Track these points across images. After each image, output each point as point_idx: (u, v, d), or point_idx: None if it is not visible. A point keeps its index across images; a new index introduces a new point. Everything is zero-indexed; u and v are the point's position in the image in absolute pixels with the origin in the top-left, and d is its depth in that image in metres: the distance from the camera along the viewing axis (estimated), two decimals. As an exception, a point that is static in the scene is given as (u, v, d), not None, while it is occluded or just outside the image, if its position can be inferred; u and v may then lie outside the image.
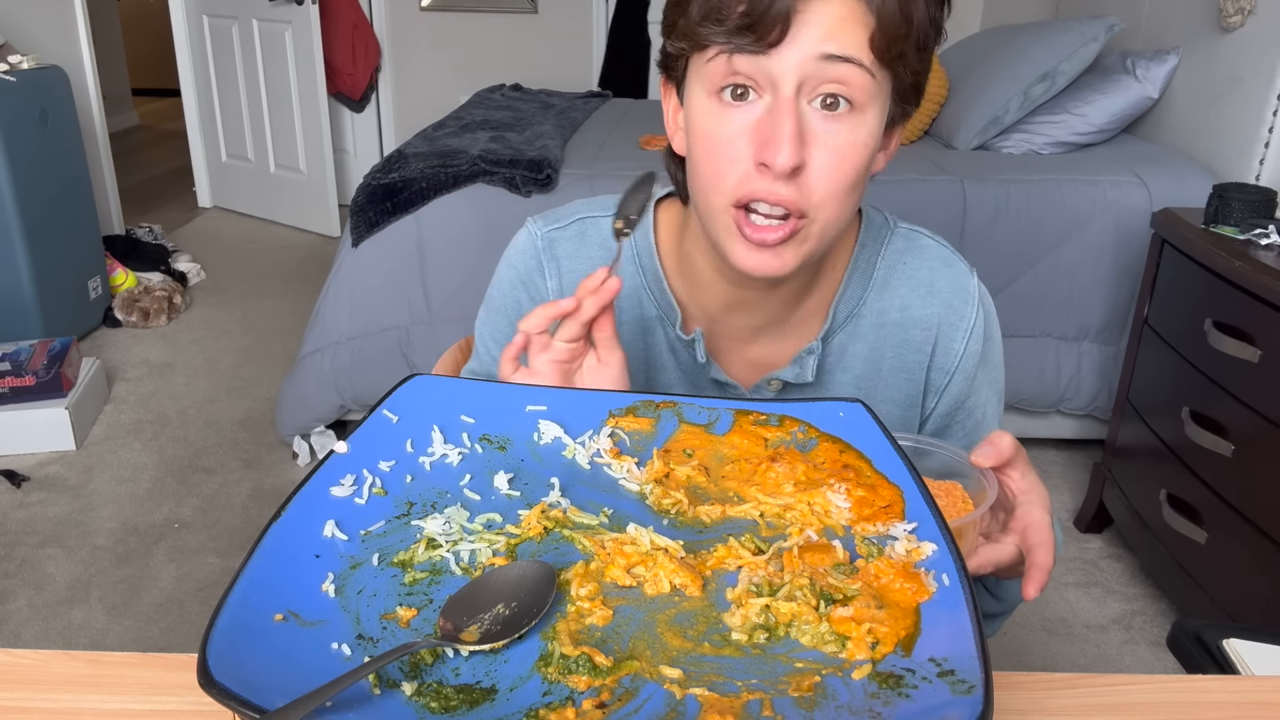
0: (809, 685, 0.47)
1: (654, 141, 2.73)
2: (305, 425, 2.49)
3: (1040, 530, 0.69)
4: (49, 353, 2.64)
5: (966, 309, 0.89)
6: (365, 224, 2.35)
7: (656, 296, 0.88)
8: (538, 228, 0.91)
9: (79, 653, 0.60)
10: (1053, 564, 0.68)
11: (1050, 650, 1.95)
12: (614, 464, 0.65)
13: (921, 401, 0.92)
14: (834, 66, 0.68)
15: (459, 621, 0.50)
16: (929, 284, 0.89)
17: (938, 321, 0.89)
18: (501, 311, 0.92)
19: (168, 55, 4.77)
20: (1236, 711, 0.59)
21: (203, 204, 4.91)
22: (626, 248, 0.88)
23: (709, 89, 0.72)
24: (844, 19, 0.68)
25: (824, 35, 0.68)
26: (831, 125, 0.70)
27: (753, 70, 0.69)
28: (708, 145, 0.73)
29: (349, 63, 4.63)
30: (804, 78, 0.69)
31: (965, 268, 0.91)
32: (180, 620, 1.97)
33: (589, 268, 0.88)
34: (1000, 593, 0.87)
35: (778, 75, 0.69)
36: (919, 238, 0.91)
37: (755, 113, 0.71)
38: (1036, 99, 2.62)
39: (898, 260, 0.89)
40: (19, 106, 2.89)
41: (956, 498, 0.70)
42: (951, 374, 0.90)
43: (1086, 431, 2.57)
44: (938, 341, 0.89)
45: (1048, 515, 0.71)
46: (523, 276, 0.90)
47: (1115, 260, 2.37)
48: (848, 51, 0.68)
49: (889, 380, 0.90)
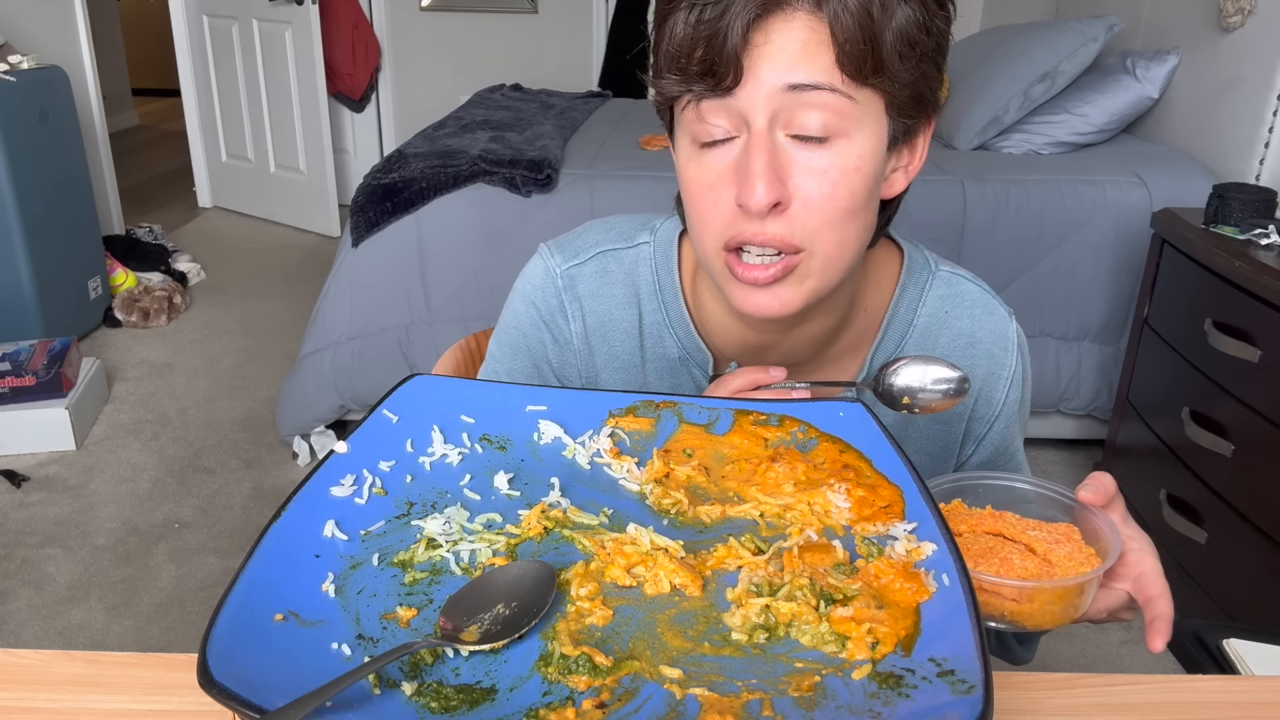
0: (809, 685, 0.47)
1: (654, 141, 2.73)
2: (305, 425, 2.49)
3: (1156, 580, 0.66)
4: (49, 353, 2.64)
5: (1007, 357, 0.87)
6: (365, 224, 2.35)
7: (681, 338, 0.85)
8: (556, 264, 0.87)
9: (79, 653, 0.60)
10: (1173, 614, 0.65)
11: (1050, 650, 1.95)
12: (614, 464, 0.65)
13: (959, 450, 0.90)
14: (804, 94, 0.66)
15: (459, 621, 0.50)
16: (970, 335, 0.87)
17: (981, 374, 0.87)
18: (523, 352, 0.88)
19: (168, 55, 4.77)
20: (1236, 711, 0.59)
21: (203, 204, 4.91)
22: (647, 279, 0.86)
23: (689, 136, 0.71)
24: (805, 44, 0.65)
25: (787, 65, 0.65)
26: (813, 153, 0.67)
27: (722, 112, 0.68)
28: (692, 192, 0.72)
29: (349, 63, 4.63)
30: (774, 110, 0.66)
31: (1005, 313, 0.89)
32: (180, 620, 1.97)
33: (610, 307, 0.86)
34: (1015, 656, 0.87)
35: (747, 112, 0.67)
36: (960, 283, 0.88)
37: (732, 154, 0.69)
38: (1036, 99, 2.62)
39: (939, 308, 0.86)
40: (19, 106, 2.89)
41: (1075, 543, 0.66)
42: (993, 422, 0.88)
43: (1086, 431, 2.57)
44: (980, 393, 0.87)
45: (1158, 562, 0.68)
46: (545, 317, 0.87)
47: (1115, 260, 2.37)
48: (814, 78, 0.65)
49: (924, 431, 0.88)
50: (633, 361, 0.86)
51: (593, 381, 0.88)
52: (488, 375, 0.90)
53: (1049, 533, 0.66)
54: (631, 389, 0.87)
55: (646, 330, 0.86)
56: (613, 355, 0.86)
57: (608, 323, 0.86)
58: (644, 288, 0.86)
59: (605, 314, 0.86)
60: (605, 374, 0.87)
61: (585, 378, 0.87)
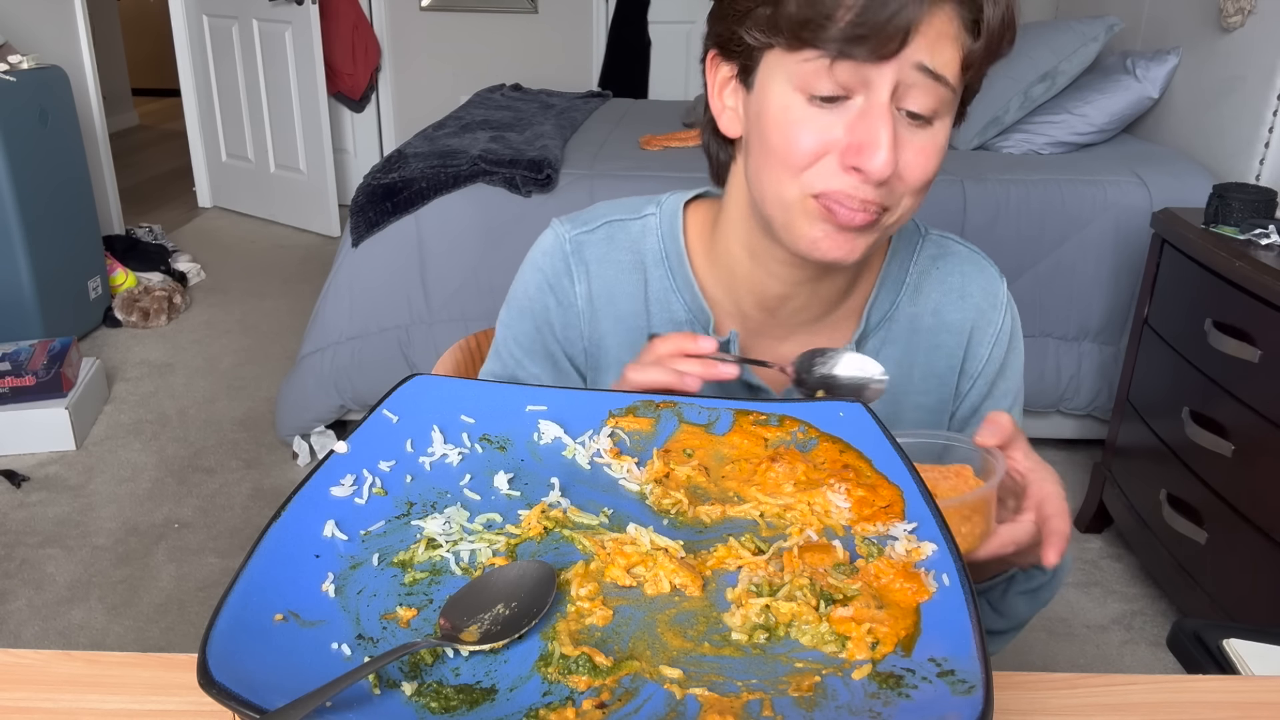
0: (809, 685, 0.47)
1: (654, 141, 2.73)
2: (305, 425, 2.49)
3: (1055, 500, 0.70)
4: (49, 353, 2.64)
5: (995, 314, 0.90)
6: (365, 224, 2.35)
7: (687, 300, 0.87)
8: (565, 230, 0.90)
9: (79, 653, 0.60)
10: (1069, 531, 0.69)
11: (1050, 650, 1.95)
12: (614, 464, 0.65)
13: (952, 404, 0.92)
14: (926, 78, 0.69)
15: (459, 621, 0.50)
16: (961, 289, 0.89)
17: (970, 326, 0.89)
18: (528, 315, 0.90)
19: (168, 55, 4.77)
20: (1236, 711, 0.59)
21: (203, 204, 4.91)
22: (653, 248, 0.88)
23: (797, 85, 0.71)
24: (942, 34, 0.68)
25: (925, 48, 0.68)
26: (919, 131, 0.71)
27: (851, 73, 0.69)
28: (791, 141, 0.72)
29: (349, 63, 4.63)
30: (897, 84, 0.69)
31: (996, 273, 0.92)
32: (180, 620, 1.97)
33: (616, 273, 0.88)
34: (1004, 609, 0.87)
35: (876, 81, 0.69)
36: (950, 244, 0.91)
37: (848, 115, 0.70)
38: (1036, 99, 2.62)
39: (930, 265, 0.90)
40: (19, 106, 2.89)
41: (966, 477, 0.70)
42: (975, 379, 0.90)
43: (1086, 431, 2.57)
44: (969, 347, 0.90)
45: (1060, 488, 0.71)
46: (550, 280, 0.89)
47: (1115, 260, 2.37)
48: (941, 69, 0.69)
49: (920, 385, 0.90)
50: (638, 324, 0.88)
51: (596, 345, 0.89)
52: (496, 343, 0.92)
53: (938, 473, 0.70)
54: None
55: (652, 296, 0.88)
56: (619, 319, 0.88)
57: (614, 286, 0.88)
58: (650, 255, 0.88)
59: (611, 279, 0.88)
60: (610, 337, 0.89)
61: (589, 341, 0.89)
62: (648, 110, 3.39)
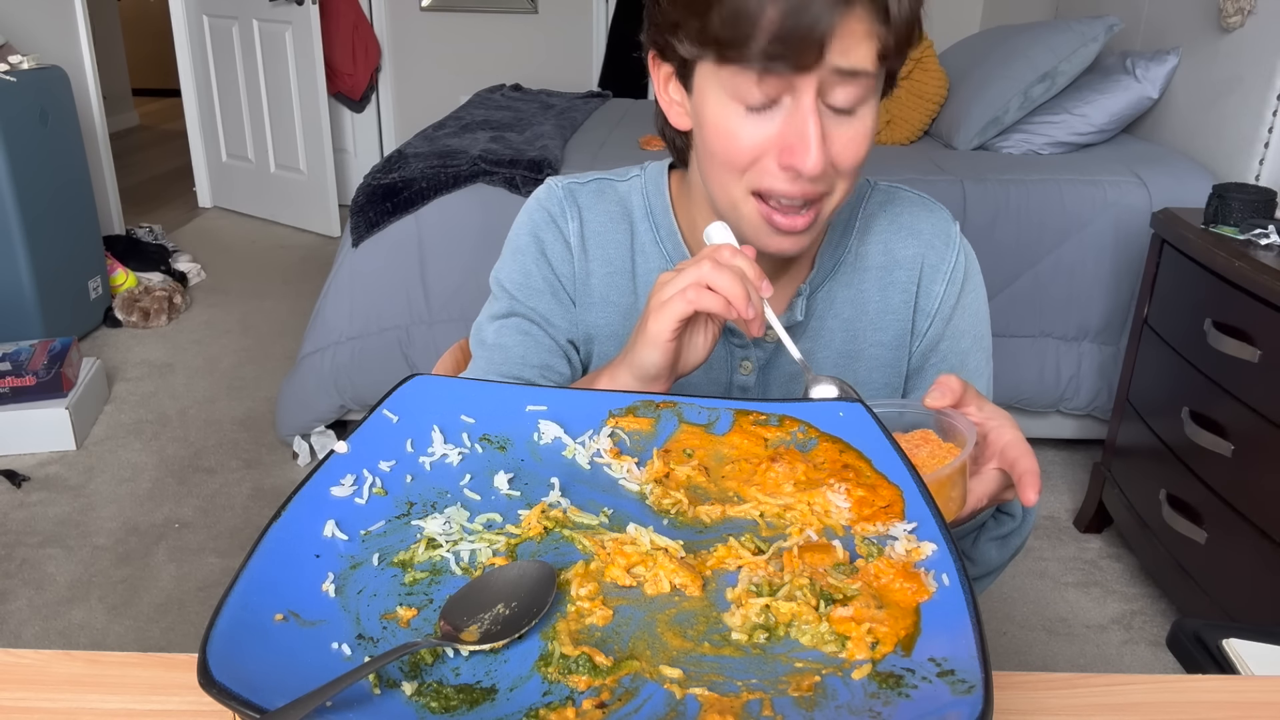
0: (809, 685, 0.47)
1: (654, 141, 2.73)
2: (305, 425, 2.49)
3: (1017, 445, 0.71)
4: (49, 353, 2.64)
5: (948, 251, 0.93)
6: (365, 224, 2.35)
7: (670, 250, 0.92)
8: (557, 181, 0.96)
9: (79, 653, 0.60)
10: (1038, 467, 0.70)
11: (1050, 650, 1.95)
12: (614, 464, 0.65)
13: (909, 344, 0.95)
14: (845, 76, 0.73)
15: (459, 621, 0.50)
16: (910, 226, 0.93)
17: (920, 261, 0.93)
18: (524, 252, 0.94)
19: (168, 55, 4.77)
20: (1236, 711, 0.59)
21: (203, 204, 4.91)
22: (639, 204, 0.94)
23: (730, 95, 0.76)
24: (855, 34, 0.71)
25: (841, 51, 0.71)
26: (845, 121, 0.76)
27: (776, 83, 0.73)
28: (730, 147, 0.77)
29: (349, 63, 4.63)
30: (819, 84, 0.73)
31: (947, 215, 0.95)
32: (180, 620, 1.97)
33: (606, 220, 0.94)
34: (976, 556, 0.90)
35: (800, 86, 0.73)
36: (899, 190, 0.96)
37: (779, 117, 0.75)
38: (1036, 99, 2.62)
39: (878, 210, 0.94)
40: (19, 106, 2.89)
41: (933, 443, 0.71)
42: (932, 316, 0.93)
43: (1086, 431, 2.57)
44: (920, 283, 0.93)
45: (1017, 431, 0.73)
46: (547, 218, 0.94)
47: (1115, 260, 2.37)
48: (859, 64, 0.73)
49: (875, 322, 0.93)
50: (624, 268, 0.93)
51: (584, 287, 0.93)
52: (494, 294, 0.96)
53: (907, 442, 0.71)
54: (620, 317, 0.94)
55: (637, 246, 0.93)
56: (606, 261, 0.93)
57: (602, 233, 0.94)
58: (636, 211, 0.94)
59: (600, 225, 0.93)
60: (596, 277, 0.93)
61: (578, 281, 0.93)
62: (647, 110, 3.39)
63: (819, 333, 0.93)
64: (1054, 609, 2.07)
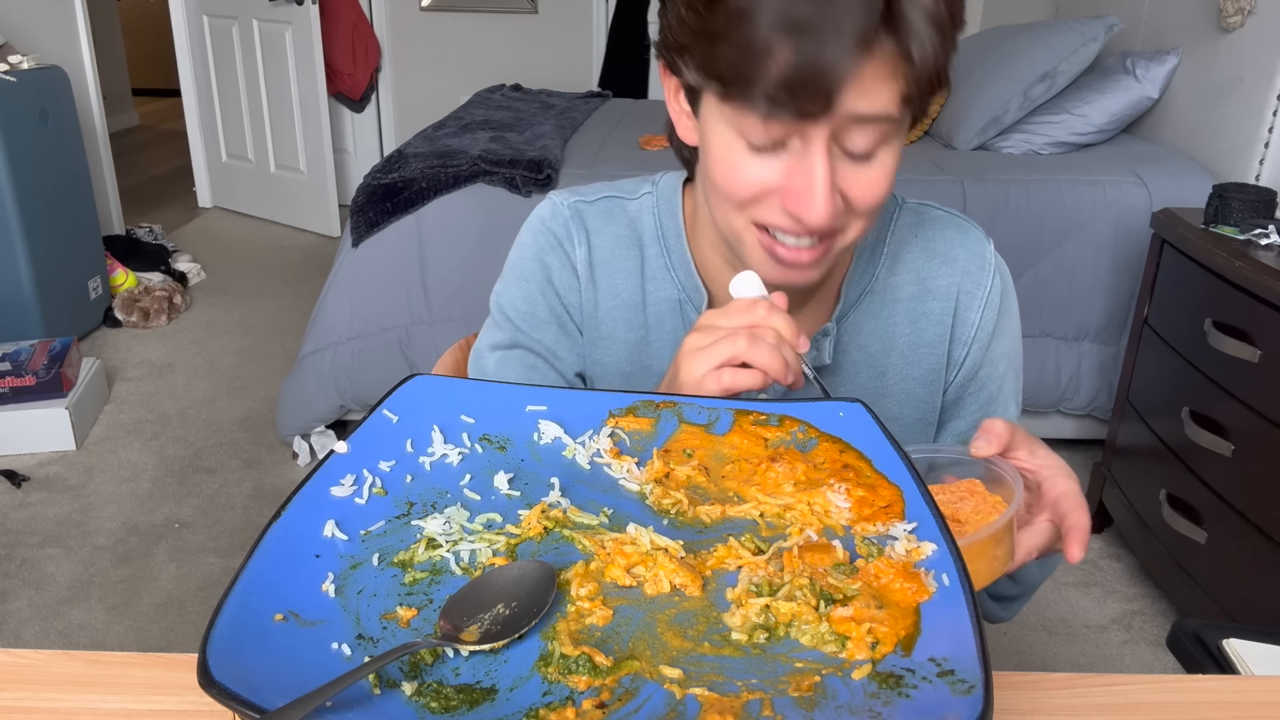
0: (809, 685, 0.47)
1: (654, 141, 2.73)
2: (305, 425, 2.49)
3: (1070, 497, 0.68)
4: (49, 353, 2.64)
5: (984, 276, 0.87)
6: (365, 224, 2.35)
7: (682, 278, 0.86)
8: (563, 199, 0.89)
9: (79, 653, 0.60)
10: (1089, 523, 0.67)
11: (1050, 650, 1.95)
12: (614, 464, 0.65)
13: (944, 375, 0.89)
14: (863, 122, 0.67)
15: (459, 621, 0.50)
16: (944, 254, 0.87)
17: (956, 291, 0.87)
18: (529, 279, 0.88)
19: (168, 55, 4.77)
20: (1236, 711, 0.59)
21: (203, 204, 4.91)
22: (650, 226, 0.88)
23: (733, 130, 0.70)
24: (877, 76, 0.65)
25: (859, 96, 0.65)
26: (862, 167, 0.70)
27: (786, 128, 0.67)
28: (732, 182, 0.72)
29: (349, 63, 4.63)
30: (834, 131, 0.67)
31: (981, 234, 0.89)
32: (180, 620, 1.97)
33: (615, 245, 0.87)
34: (1018, 575, 0.85)
35: (811, 131, 0.67)
36: (929, 210, 0.89)
37: (783, 161, 0.69)
38: (1036, 99, 2.62)
39: (908, 235, 0.88)
40: (19, 106, 2.89)
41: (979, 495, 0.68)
42: (969, 345, 0.88)
43: (1086, 431, 2.57)
44: (956, 312, 0.87)
45: (1073, 481, 0.69)
46: (553, 242, 0.87)
47: (1115, 260, 2.37)
48: (878, 109, 0.66)
49: (906, 356, 0.88)
50: (634, 300, 0.87)
51: (592, 317, 0.88)
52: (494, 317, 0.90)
53: (952, 493, 0.67)
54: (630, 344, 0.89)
55: (648, 273, 0.87)
56: (614, 292, 0.87)
57: (611, 260, 0.87)
58: (647, 234, 0.88)
59: (609, 251, 0.87)
60: (605, 310, 0.88)
61: (585, 312, 0.88)
62: (647, 110, 3.39)
63: (845, 368, 0.87)
64: (1054, 609, 2.07)
